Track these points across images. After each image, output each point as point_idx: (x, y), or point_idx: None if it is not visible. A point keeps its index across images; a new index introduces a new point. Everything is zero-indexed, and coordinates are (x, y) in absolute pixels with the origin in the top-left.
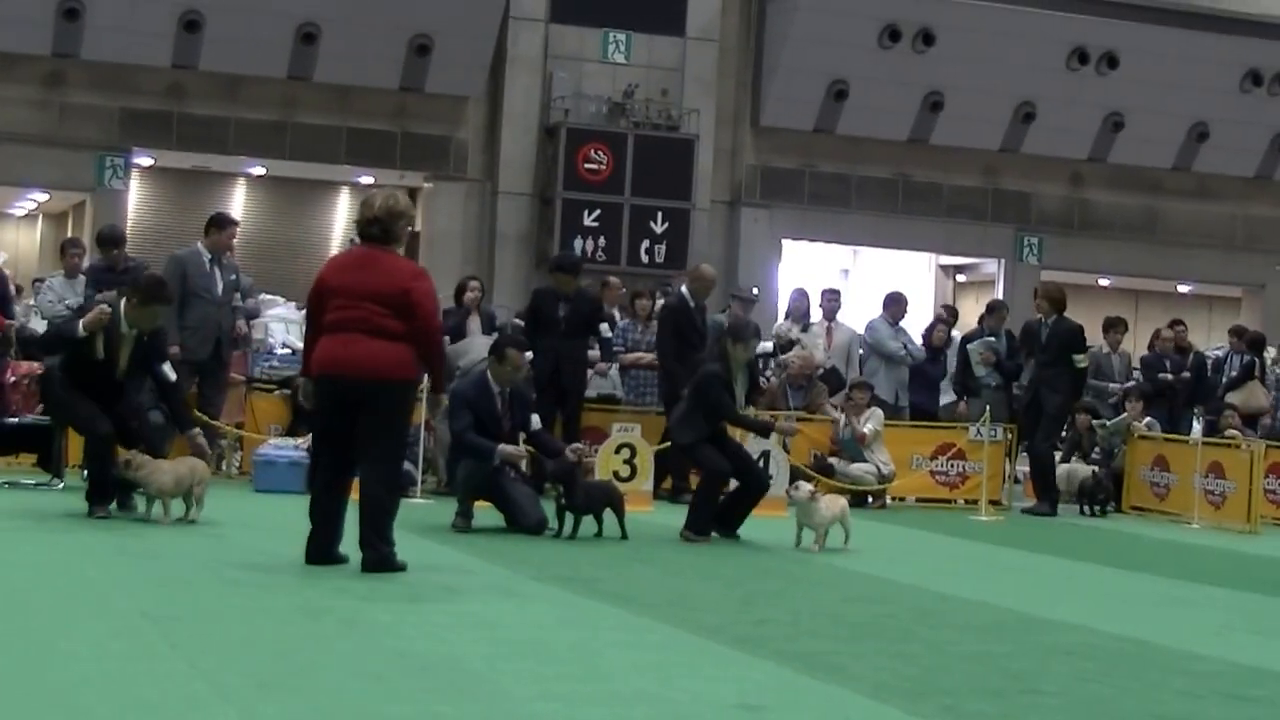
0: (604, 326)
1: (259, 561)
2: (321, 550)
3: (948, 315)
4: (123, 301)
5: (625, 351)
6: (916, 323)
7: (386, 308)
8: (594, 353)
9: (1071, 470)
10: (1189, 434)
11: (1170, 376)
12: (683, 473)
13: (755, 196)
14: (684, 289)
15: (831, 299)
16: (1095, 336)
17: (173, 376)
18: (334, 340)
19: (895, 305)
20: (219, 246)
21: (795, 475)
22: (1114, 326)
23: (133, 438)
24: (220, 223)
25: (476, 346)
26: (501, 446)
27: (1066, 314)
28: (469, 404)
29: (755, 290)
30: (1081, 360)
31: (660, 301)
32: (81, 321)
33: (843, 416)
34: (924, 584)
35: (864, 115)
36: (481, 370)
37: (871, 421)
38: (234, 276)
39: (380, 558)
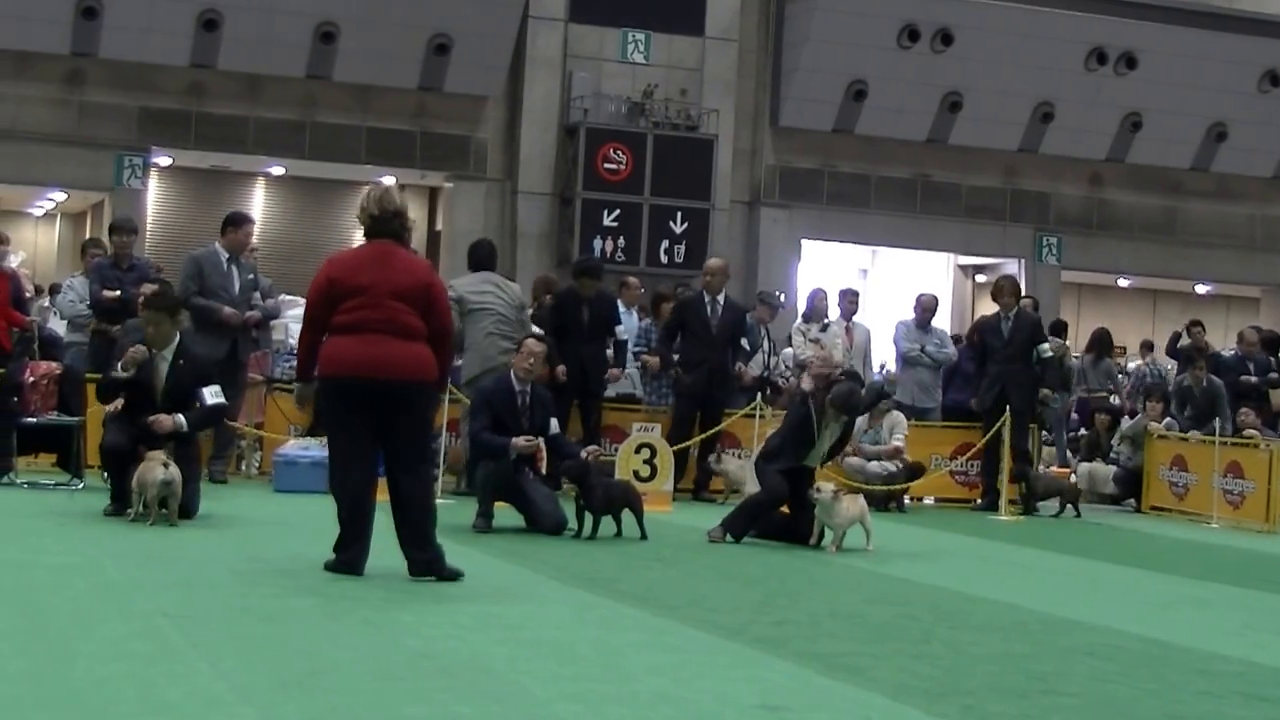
0: (620, 329)
1: (280, 561)
2: (361, 560)
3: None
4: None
5: (649, 352)
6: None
7: (410, 306)
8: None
9: (1092, 470)
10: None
11: (1255, 379)
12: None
13: (774, 197)
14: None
15: (850, 299)
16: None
17: (211, 401)
18: (357, 341)
19: (919, 307)
20: (236, 245)
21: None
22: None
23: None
24: (236, 221)
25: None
26: (514, 440)
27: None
28: (489, 402)
29: (781, 296)
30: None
31: None
32: (119, 364)
33: (864, 417)
34: (944, 584)
35: (883, 115)
36: (505, 371)
37: (898, 430)
38: (251, 276)
39: (425, 563)
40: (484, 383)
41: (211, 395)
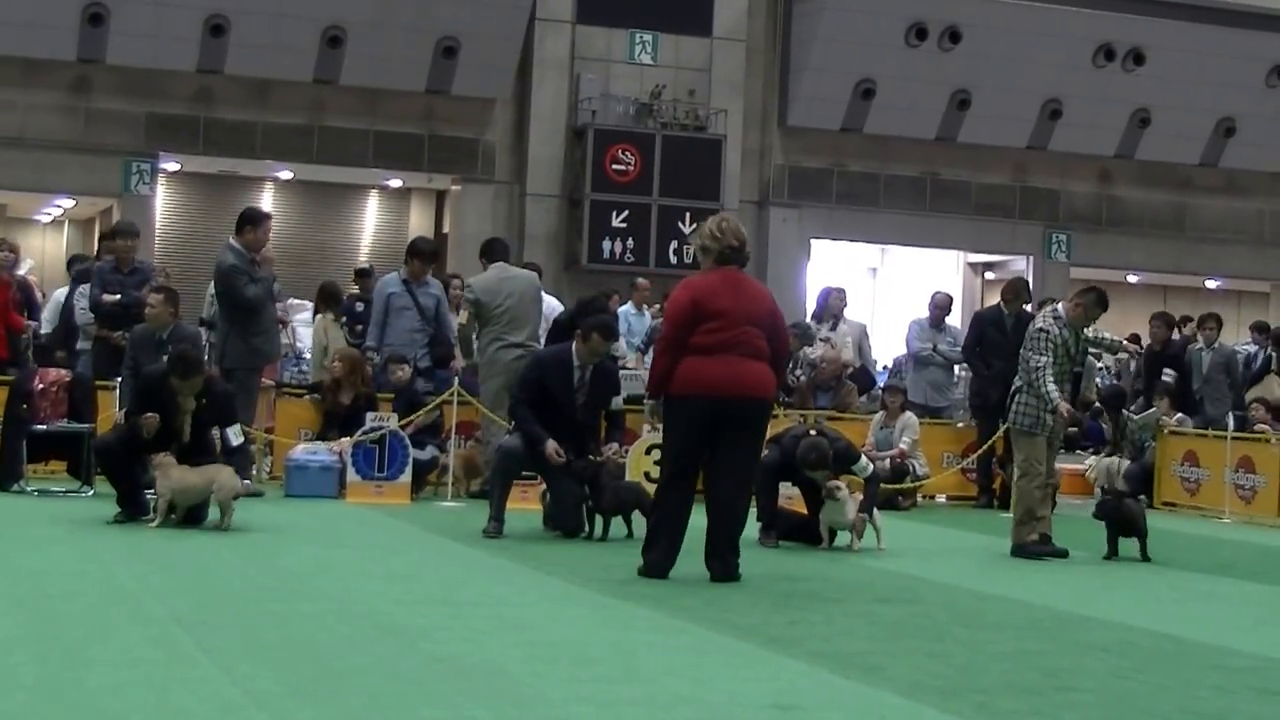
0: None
1: (292, 566)
2: (667, 563)
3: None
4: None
5: None
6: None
7: (761, 329)
8: None
9: (1108, 464)
10: None
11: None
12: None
13: (783, 196)
14: None
15: (838, 296)
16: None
17: (235, 441)
18: (716, 362)
19: (934, 305)
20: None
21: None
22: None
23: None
24: (255, 219)
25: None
26: (549, 444)
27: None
28: (542, 373)
29: (821, 327)
30: None
31: None
32: (144, 431)
33: (880, 415)
34: (957, 583)
35: (892, 114)
36: (569, 344)
37: (907, 433)
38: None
39: (729, 568)
40: (541, 352)
41: (235, 436)
